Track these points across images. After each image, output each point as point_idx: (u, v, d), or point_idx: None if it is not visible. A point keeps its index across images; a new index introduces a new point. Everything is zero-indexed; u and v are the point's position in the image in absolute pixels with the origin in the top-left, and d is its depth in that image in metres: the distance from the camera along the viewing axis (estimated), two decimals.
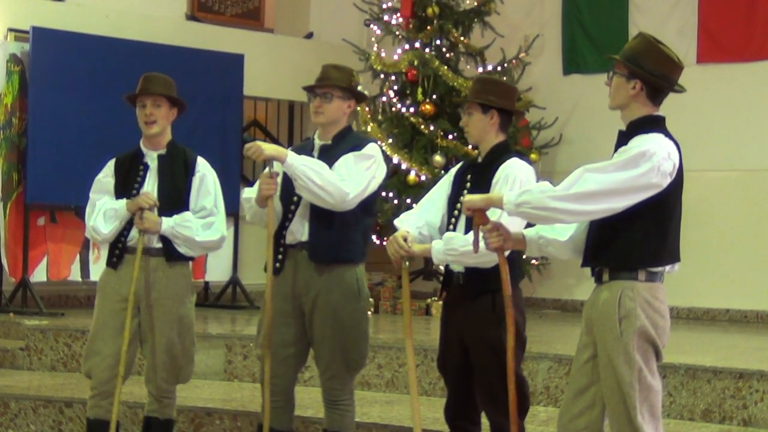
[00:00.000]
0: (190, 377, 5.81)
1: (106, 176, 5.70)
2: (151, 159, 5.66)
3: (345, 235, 5.21)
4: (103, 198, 5.64)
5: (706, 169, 9.44)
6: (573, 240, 4.36)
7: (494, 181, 4.85)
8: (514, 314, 4.52)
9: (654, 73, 4.17)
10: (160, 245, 5.57)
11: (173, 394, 5.71)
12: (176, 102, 5.67)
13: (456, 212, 4.94)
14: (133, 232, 5.57)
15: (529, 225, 4.53)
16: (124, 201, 5.57)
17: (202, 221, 5.61)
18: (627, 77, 4.21)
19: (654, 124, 4.19)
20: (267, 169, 5.16)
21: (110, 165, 5.75)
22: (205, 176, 5.69)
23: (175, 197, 5.59)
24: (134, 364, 5.77)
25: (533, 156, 10.07)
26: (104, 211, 5.58)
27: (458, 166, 5.18)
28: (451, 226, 4.92)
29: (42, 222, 9.22)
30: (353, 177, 5.13)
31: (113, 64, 9.22)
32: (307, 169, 5.06)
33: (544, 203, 4.08)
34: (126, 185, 5.62)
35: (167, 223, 5.53)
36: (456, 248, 4.69)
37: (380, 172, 5.28)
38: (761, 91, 9.84)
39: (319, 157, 5.23)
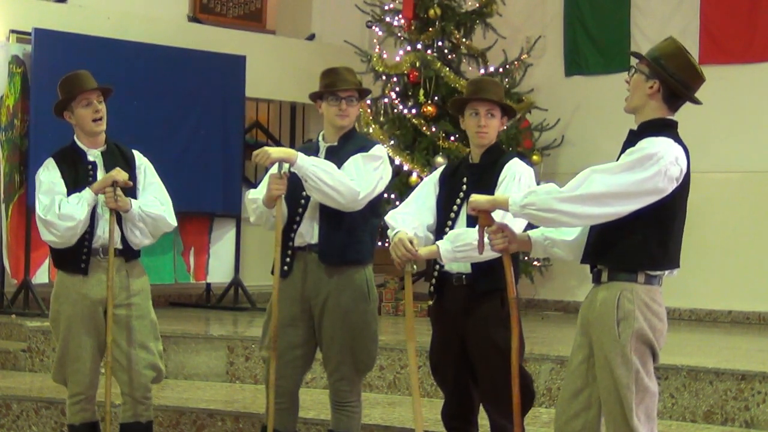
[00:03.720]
0: (164, 375, 5.74)
1: (56, 178, 5.49)
2: (95, 157, 5.57)
3: (354, 236, 5.23)
4: (58, 197, 5.44)
5: (708, 171, 9.41)
6: (579, 240, 4.33)
7: (500, 180, 4.86)
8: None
9: (675, 77, 4.13)
10: (120, 246, 5.49)
11: (151, 393, 5.64)
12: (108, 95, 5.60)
13: (453, 214, 4.93)
14: (99, 232, 5.47)
15: (531, 226, 4.51)
16: (85, 189, 5.42)
17: (161, 207, 5.58)
18: (647, 76, 4.17)
19: (665, 128, 4.15)
20: (275, 169, 5.15)
21: (52, 167, 5.54)
22: (147, 168, 5.66)
23: (127, 192, 5.49)
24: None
25: (535, 157, 10.07)
26: (66, 200, 5.40)
27: (441, 169, 5.15)
28: (447, 229, 4.91)
29: None
30: (363, 177, 5.14)
31: (115, 66, 9.21)
32: (317, 169, 5.07)
33: (549, 205, 4.06)
34: (77, 186, 5.47)
35: (135, 205, 5.46)
36: (470, 242, 4.57)
37: (387, 173, 5.31)
38: (763, 93, 9.83)
39: (326, 159, 5.24)
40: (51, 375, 5.74)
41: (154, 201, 5.56)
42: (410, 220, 4.92)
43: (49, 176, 5.51)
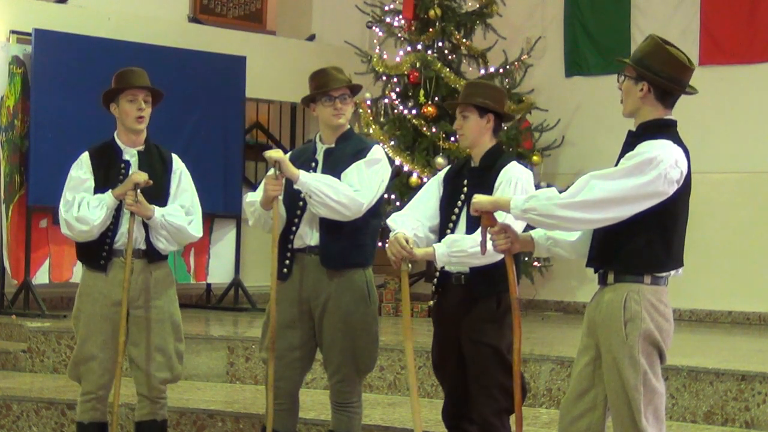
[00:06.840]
0: (181, 375, 5.76)
1: (84, 174, 5.53)
2: (131, 155, 5.57)
3: (355, 239, 5.23)
4: (81, 195, 5.49)
5: (709, 171, 9.42)
6: (582, 240, 4.33)
7: (497, 184, 4.86)
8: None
9: (661, 75, 4.12)
10: (144, 246, 5.50)
11: (166, 393, 5.67)
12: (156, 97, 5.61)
13: (454, 216, 4.93)
14: (121, 233, 5.48)
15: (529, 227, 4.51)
16: (107, 192, 5.44)
17: (186, 217, 5.59)
18: (635, 80, 4.17)
19: (664, 129, 4.14)
20: (272, 171, 5.16)
21: (85, 162, 5.57)
22: (183, 174, 5.66)
23: (157, 194, 5.50)
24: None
25: (535, 158, 10.07)
26: (87, 202, 5.44)
27: (446, 170, 5.17)
28: (449, 230, 4.91)
29: (44, 224, 9.21)
30: (365, 185, 5.15)
31: (115, 66, 9.00)
32: (321, 185, 5.08)
33: (550, 211, 4.06)
34: (107, 184, 5.49)
35: (158, 212, 5.46)
36: (465, 249, 4.66)
37: (387, 173, 5.33)
38: (763, 93, 9.84)
39: (324, 161, 5.26)
40: (66, 372, 5.77)
41: (179, 210, 5.56)
42: (410, 221, 4.93)
43: (79, 172, 5.55)
